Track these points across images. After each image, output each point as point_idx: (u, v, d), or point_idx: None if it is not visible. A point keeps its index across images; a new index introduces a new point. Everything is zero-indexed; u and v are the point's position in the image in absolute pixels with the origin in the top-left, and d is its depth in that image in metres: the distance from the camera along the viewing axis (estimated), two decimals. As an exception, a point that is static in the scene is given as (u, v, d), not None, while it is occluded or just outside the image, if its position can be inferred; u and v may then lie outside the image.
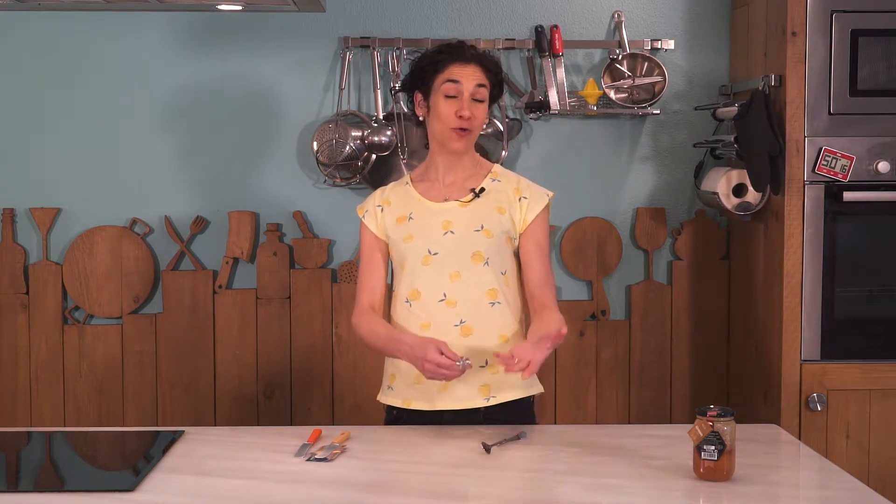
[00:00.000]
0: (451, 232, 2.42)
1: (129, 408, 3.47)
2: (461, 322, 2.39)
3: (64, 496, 1.96)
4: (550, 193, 2.52)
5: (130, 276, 3.45)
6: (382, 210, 2.50)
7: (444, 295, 2.39)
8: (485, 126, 2.55)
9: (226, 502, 1.93)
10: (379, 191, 2.58)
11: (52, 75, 3.44)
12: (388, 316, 2.52)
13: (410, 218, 2.46)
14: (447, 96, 2.39)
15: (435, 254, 2.41)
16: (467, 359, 2.25)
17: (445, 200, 2.46)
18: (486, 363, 2.41)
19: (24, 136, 3.45)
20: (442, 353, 2.22)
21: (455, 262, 2.41)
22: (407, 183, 2.53)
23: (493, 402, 2.42)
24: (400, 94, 2.49)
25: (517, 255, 2.49)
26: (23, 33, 3.42)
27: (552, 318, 2.39)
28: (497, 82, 2.46)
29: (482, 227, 2.42)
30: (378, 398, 2.54)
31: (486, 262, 2.41)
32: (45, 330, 3.45)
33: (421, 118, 2.51)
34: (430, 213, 2.45)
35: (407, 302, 2.43)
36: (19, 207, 3.47)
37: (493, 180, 2.49)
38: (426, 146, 2.56)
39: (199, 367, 3.47)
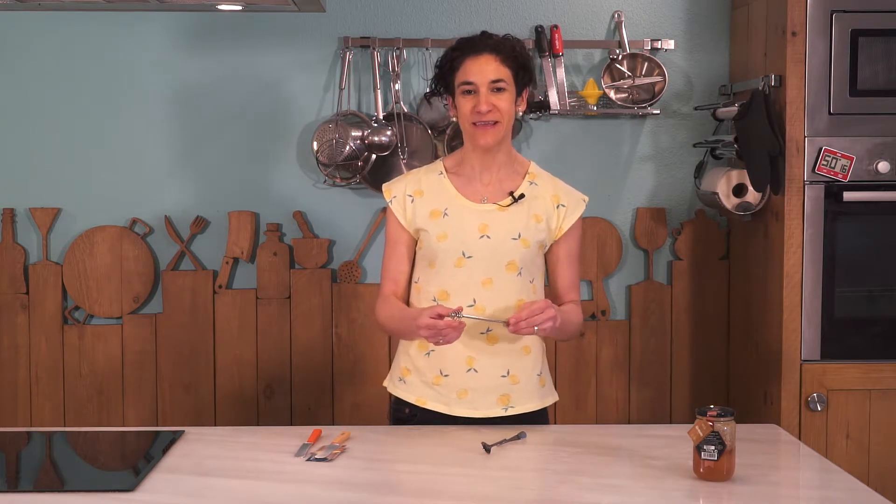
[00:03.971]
0: (488, 237, 2.38)
1: (129, 408, 3.47)
2: (488, 330, 2.38)
3: (64, 496, 1.96)
4: (586, 199, 2.50)
5: (130, 276, 3.46)
6: (413, 200, 2.43)
7: (474, 301, 2.36)
8: (520, 115, 2.50)
9: (226, 502, 1.93)
10: (412, 175, 2.50)
11: (52, 75, 3.44)
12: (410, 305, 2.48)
13: (445, 214, 2.40)
14: (464, 93, 2.35)
15: (469, 257, 2.38)
16: (460, 309, 2.24)
17: (483, 201, 2.41)
18: (508, 373, 2.40)
19: (24, 136, 3.45)
20: (441, 317, 2.21)
21: (488, 269, 2.38)
22: (441, 173, 2.46)
23: (510, 412, 2.41)
24: (431, 90, 2.47)
25: (547, 257, 2.48)
26: (23, 33, 3.43)
27: (573, 309, 2.43)
28: (518, 67, 2.37)
29: (519, 235, 2.39)
30: (386, 386, 2.52)
31: (520, 273, 2.39)
32: (45, 330, 3.45)
33: (454, 119, 2.46)
34: (466, 213, 2.40)
35: (434, 301, 2.38)
36: (19, 207, 3.47)
37: (531, 183, 2.44)
38: (446, 145, 2.51)
39: (199, 367, 3.47)
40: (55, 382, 3.46)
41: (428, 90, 2.54)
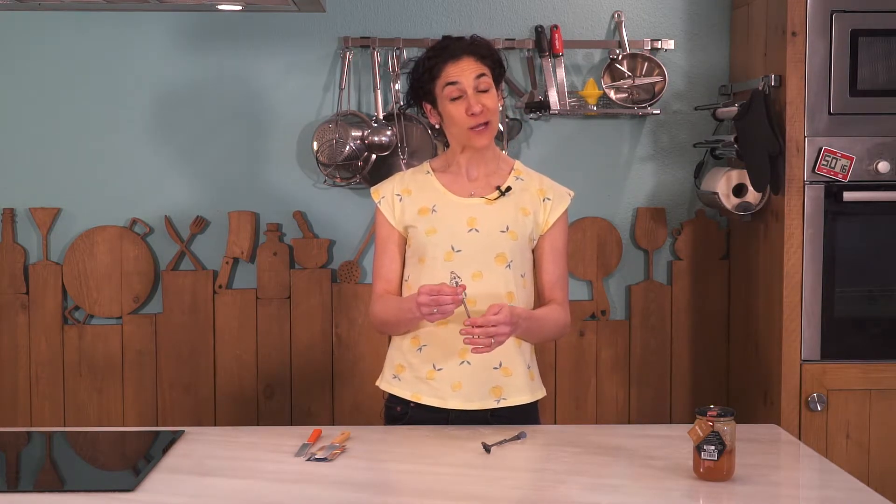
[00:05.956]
0: (476, 230, 2.40)
1: (129, 408, 3.47)
2: None
3: (64, 496, 1.96)
4: (571, 193, 2.52)
5: (130, 276, 3.46)
6: (402, 199, 2.46)
7: (465, 294, 2.37)
8: (501, 107, 2.52)
9: (226, 502, 1.93)
10: (398, 176, 2.53)
11: (52, 75, 3.44)
12: None
13: (434, 210, 2.43)
14: (452, 99, 2.37)
15: (458, 251, 2.40)
16: (458, 277, 2.24)
17: (470, 196, 2.44)
18: (500, 364, 2.41)
19: (24, 136, 3.45)
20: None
21: (478, 262, 2.40)
22: (428, 172, 2.49)
23: (502, 404, 2.42)
24: (407, 102, 2.50)
25: (533, 252, 2.50)
26: (23, 33, 3.43)
27: (554, 310, 2.44)
28: (494, 64, 2.42)
29: (507, 228, 2.41)
30: (380, 385, 2.52)
31: (509, 265, 2.41)
32: (45, 330, 3.45)
33: (437, 126, 2.50)
34: (454, 207, 2.43)
35: None
36: (19, 207, 3.47)
37: (517, 178, 2.48)
38: (446, 145, 2.53)
39: (199, 367, 3.47)
40: (55, 382, 3.46)
41: (403, 103, 2.55)
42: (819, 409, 2.99)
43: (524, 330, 2.33)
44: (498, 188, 2.45)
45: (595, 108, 3.42)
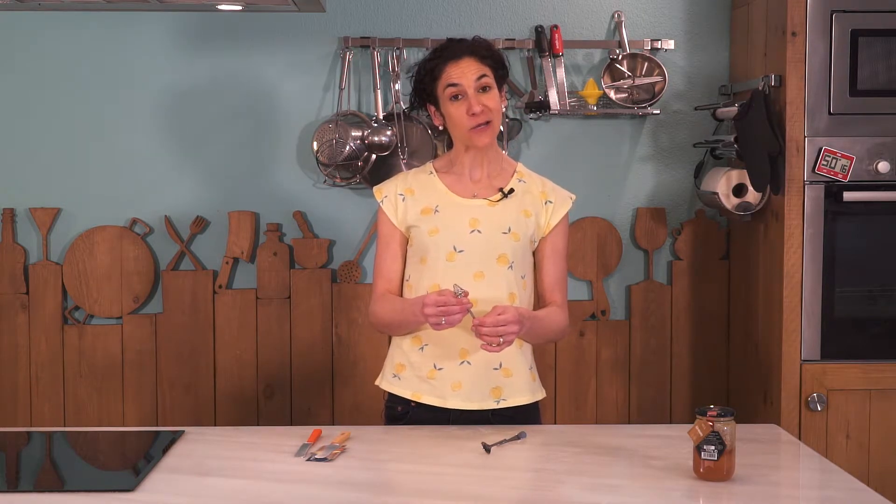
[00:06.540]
0: (479, 231, 2.41)
1: (129, 408, 3.47)
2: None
3: (64, 496, 1.96)
4: (573, 196, 2.53)
5: (130, 276, 3.46)
6: (404, 199, 2.47)
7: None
8: (504, 108, 2.53)
9: (226, 502, 1.93)
10: (401, 176, 2.54)
11: (52, 75, 3.44)
12: None
13: (436, 210, 2.44)
14: (452, 99, 2.38)
15: (461, 251, 2.40)
16: (462, 290, 2.24)
17: (473, 197, 2.45)
18: (501, 365, 2.41)
19: (24, 136, 3.46)
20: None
21: (480, 263, 2.40)
22: (431, 173, 2.50)
23: (503, 404, 2.43)
24: (411, 104, 2.51)
25: (534, 254, 2.50)
26: (23, 33, 3.43)
27: (554, 311, 2.44)
28: (496, 64, 2.43)
29: (510, 229, 2.42)
30: (380, 384, 2.52)
31: (511, 266, 2.41)
32: (45, 330, 3.45)
33: (441, 128, 2.51)
34: (457, 208, 2.43)
35: None
36: (19, 207, 3.47)
37: (520, 180, 2.49)
38: (448, 146, 2.54)
39: (199, 367, 3.47)
40: (55, 382, 3.46)
41: (407, 106, 2.56)
42: (819, 409, 2.99)
43: (527, 330, 2.33)
44: (500, 190, 2.45)
45: (595, 108, 3.42)
